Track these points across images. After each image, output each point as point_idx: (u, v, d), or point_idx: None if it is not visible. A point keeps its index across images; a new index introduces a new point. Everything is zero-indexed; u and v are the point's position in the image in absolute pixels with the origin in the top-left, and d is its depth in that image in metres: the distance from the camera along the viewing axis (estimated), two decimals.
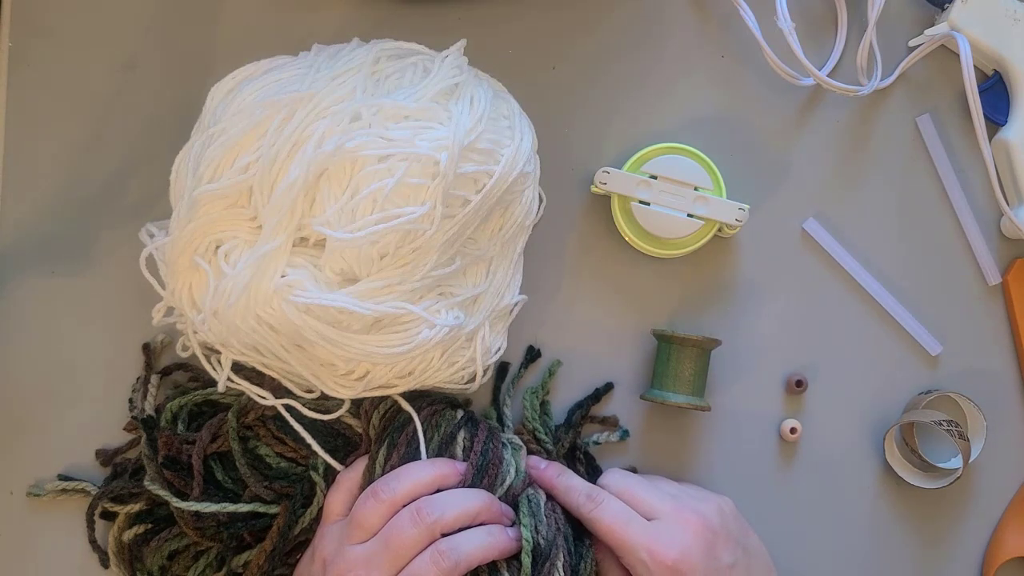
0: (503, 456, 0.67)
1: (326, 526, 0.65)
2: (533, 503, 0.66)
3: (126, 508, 0.68)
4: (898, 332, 0.74)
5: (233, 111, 0.62)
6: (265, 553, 0.66)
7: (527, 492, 0.66)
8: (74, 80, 0.73)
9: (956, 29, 0.72)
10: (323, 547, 0.64)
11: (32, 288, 0.72)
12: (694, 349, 0.69)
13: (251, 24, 0.74)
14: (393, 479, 0.63)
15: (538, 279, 0.73)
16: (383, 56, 0.65)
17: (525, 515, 0.65)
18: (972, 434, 0.72)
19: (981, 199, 0.75)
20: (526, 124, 0.67)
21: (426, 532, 0.61)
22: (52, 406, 0.71)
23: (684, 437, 0.73)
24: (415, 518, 0.62)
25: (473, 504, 0.63)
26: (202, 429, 0.67)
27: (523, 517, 0.65)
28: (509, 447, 0.68)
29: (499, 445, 0.67)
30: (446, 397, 0.70)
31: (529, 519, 0.64)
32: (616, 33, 0.75)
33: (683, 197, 0.70)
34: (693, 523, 0.64)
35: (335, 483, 0.67)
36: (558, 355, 0.73)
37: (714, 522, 0.64)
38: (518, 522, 0.65)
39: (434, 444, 0.66)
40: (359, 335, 0.63)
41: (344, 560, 0.62)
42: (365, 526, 0.63)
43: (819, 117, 0.75)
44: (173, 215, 0.65)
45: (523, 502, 0.66)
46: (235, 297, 0.61)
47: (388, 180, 0.60)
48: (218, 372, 0.67)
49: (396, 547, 0.61)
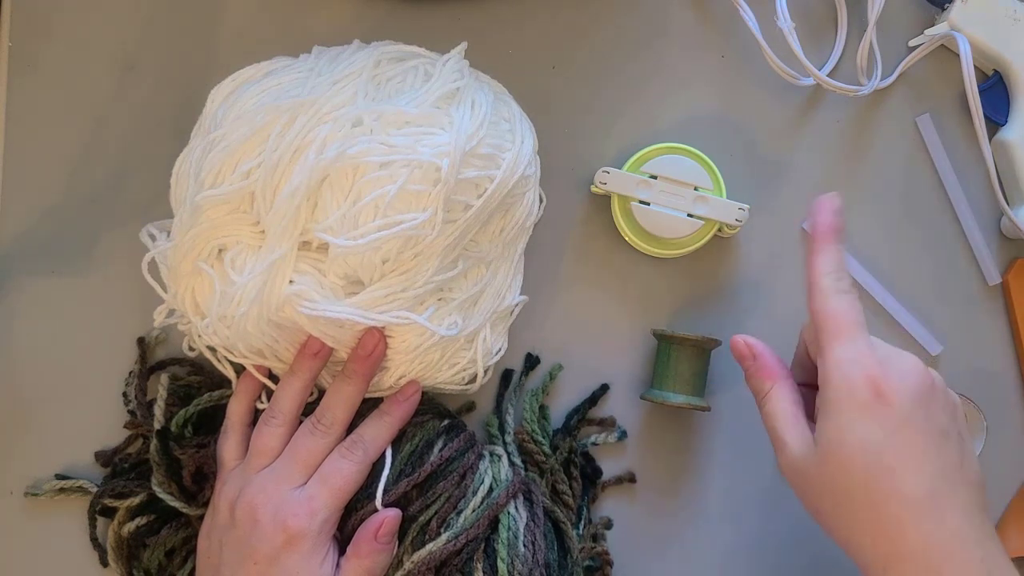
0: (477, 466, 0.66)
1: (223, 474, 0.65)
2: (512, 531, 0.65)
3: (126, 503, 0.68)
4: (898, 332, 0.74)
5: (234, 116, 0.62)
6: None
7: (509, 512, 0.65)
8: (74, 80, 0.73)
9: (956, 29, 0.72)
10: (226, 492, 0.63)
11: (32, 288, 0.72)
12: (694, 349, 0.69)
13: (251, 24, 0.74)
14: (276, 403, 0.65)
15: (538, 279, 0.73)
16: (384, 59, 0.65)
17: (502, 546, 0.64)
18: (972, 434, 0.72)
19: (981, 199, 0.75)
20: (527, 127, 0.67)
21: (328, 436, 0.63)
22: (51, 406, 0.71)
23: (684, 437, 0.73)
24: (313, 428, 0.64)
25: (356, 397, 0.65)
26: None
27: (500, 548, 0.64)
28: (487, 457, 0.67)
29: (476, 455, 0.66)
30: (437, 407, 0.69)
31: (506, 550, 0.64)
32: (616, 33, 0.75)
33: (683, 197, 0.70)
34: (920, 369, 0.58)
35: (223, 432, 0.67)
36: (557, 355, 0.73)
37: (939, 382, 0.59)
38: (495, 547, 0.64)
39: (404, 454, 0.65)
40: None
41: (252, 486, 0.62)
42: (266, 451, 0.64)
43: (819, 117, 0.75)
44: (175, 220, 0.65)
45: (502, 529, 0.65)
46: (246, 306, 0.62)
47: (390, 187, 0.60)
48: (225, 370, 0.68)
49: (303, 457, 0.63)
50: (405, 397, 0.66)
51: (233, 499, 0.63)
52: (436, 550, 0.62)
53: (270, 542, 0.60)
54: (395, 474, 0.64)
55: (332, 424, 0.64)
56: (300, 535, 0.60)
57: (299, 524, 0.60)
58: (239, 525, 0.62)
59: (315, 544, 0.61)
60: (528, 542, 0.65)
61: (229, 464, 0.65)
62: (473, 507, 0.64)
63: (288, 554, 0.60)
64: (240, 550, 0.61)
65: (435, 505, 0.64)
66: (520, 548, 0.64)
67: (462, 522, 0.63)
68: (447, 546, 0.62)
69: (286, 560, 0.60)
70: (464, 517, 0.64)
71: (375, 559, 0.62)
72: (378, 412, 0.66)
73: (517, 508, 0.66)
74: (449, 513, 0.64)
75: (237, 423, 0.66)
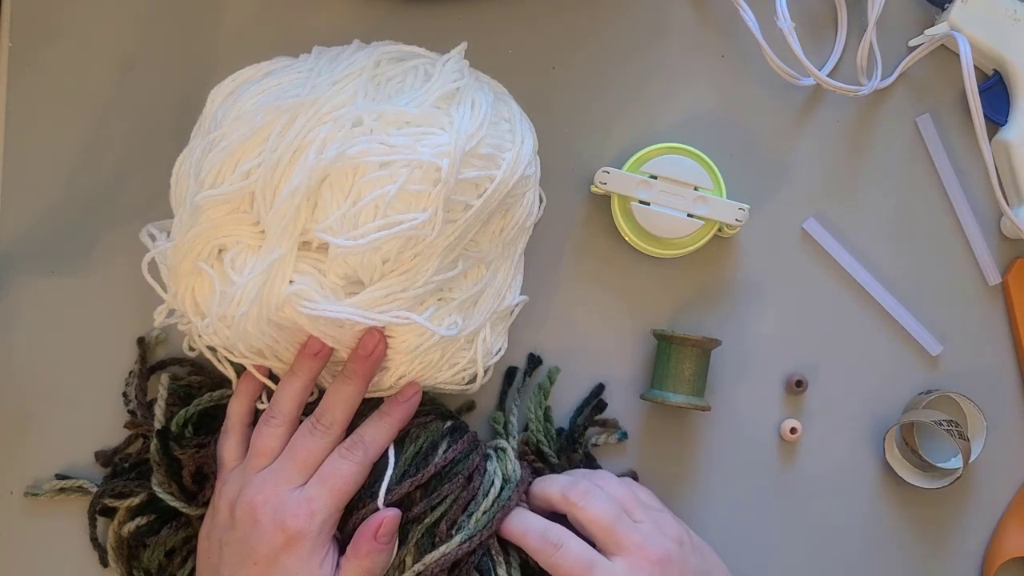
0: (485, 467, 0.66)
1: (224, 474, 0.65)
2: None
3: (126, 502, 0.68)
4: (898, 332, 0.74)
5: (234, 116, 0.62)
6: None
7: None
8: (74, 80, 0.73)
9: (956, 29, 0.72)
10: (226, 492, 0.64)
11: (32, 288, 0.72)
12: (694, 349, 0.69)
13: (251, 24, 0.74)
14: (276, 404, 0.64)
15: (538, 279, 0.73)
16: (384, 59, 0.65)
17: (512, 550, 0.64)
18: (972, 434, 0.72)
19: (981, 199, 0.75)
20: (527, 127, 0.67)
21: (327, 437, 0.63)
22: (51, 406, 0.71)
23: (684, 437, 0.73)
24: (313, 429, 0.63)
25: (356, 397, 0.65)
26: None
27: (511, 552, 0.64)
28: (495, 455, 0.67)
29: (481, 456, 0.66)
30: (439, 408, 0.69)
31: (515, 556, 0.64)
32: (616, 33, 0.75)
33: (683, 197, 0.70)
34: (655, 560, 0.62)
35: (223, 432, 0.67)
36: (557, 355, 0.73)
37: (674, 555, 0.62)
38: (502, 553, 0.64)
39: (408, 455, 0.65)
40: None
41: (251, 487, 0.62)
42: (266, 451, 0.64)
43: (819, 117, 0.75)
44: (175, 220, 0.65)
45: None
46: (246, 306, 0.62)
47: (390, 187, 0.60)
48: (225, 371, 0.68)
49: (303, 457, 0.63)
50: (405, 398, 0.66)
51: (233, 499, 0.63)
52: (449, 552, 0.62)
53: (269, 542, 0.60)
54: (399, 474, 0.64)
55: (331, 424, 0.64)
56: (299, 535, 0.60)
57: (298, 524, 0.60)
58: (239, 525, 0.62)
59: (314, 544, 0.61)
60: None
61: (229, 464, 0.65)
62: (484, 509, 0.64)
63: (287, 554, 0.60)
64: (240, 550, 0.61)
65: (441, 507, 0.64)
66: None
67: (474, 523, 0.63)
68: (461, 547, 0.63)
69: (286, 560, 0.60)
70: (475, 519, 0.64)
71: (374, 559, 0.62)
72: (378, 413, 0.66)
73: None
74: (459, 515, 0.64)
75: (237, 423, 0.66)
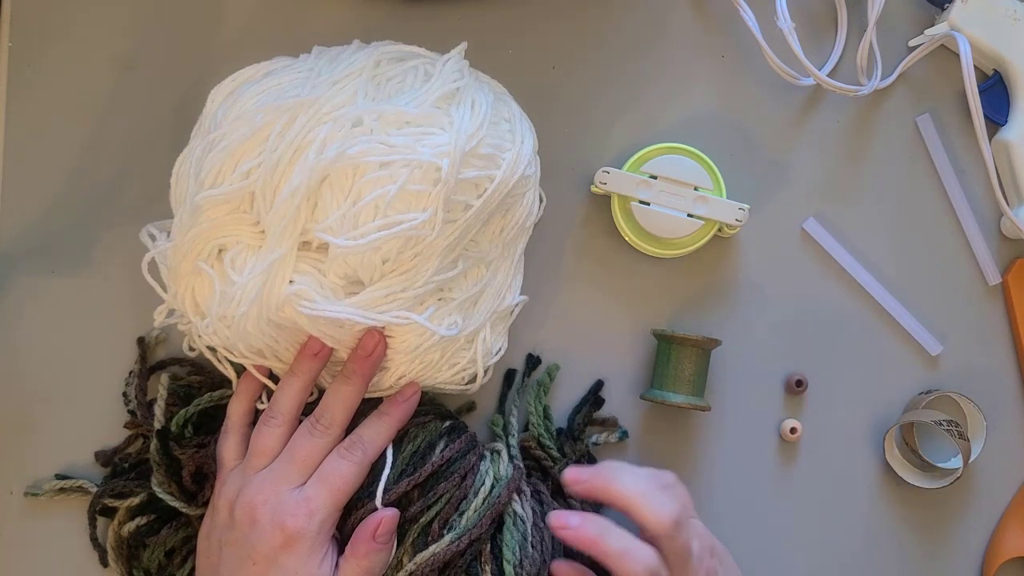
0: (478, 467, 0.66)
1: (223, 474, 0.65)
2: (520, 532, 0.65)
3: (126, 502, 0.68)
4: (898, 332, 0.74)
5: (234, 116, 0.62)
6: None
7: (516, 512, 0.65)
8: (74, 80, 0.73)
9: (956, 29, 0.72)
10: (226, 492, 0.63)
11: (32, 288, 0.72)
12: (694, 349, 0.69)
13: (251, 24, 0.74)
14: (275, 404, 0.65)
15: (538, 279, 0.73)
16: (384, 59, 0.65)
17: (508, 546, 0.64)
18: (972, 434, 0.72)
19: (981, 199, 0.75)
20: (527, 127, 0.67)
21: (327, 437, 0.63)
22: (51, 406, 0.71)
23: (684, 437, 0.73)
24: (312, 429, 0.64)
25: (355, 397, 0.65)
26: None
27: (506, 550, 0.64)
28: (488, 456, 0.67)
29: (477, 456, 0.66)
30: (438, 408, 0.69)
31: (512, 553, 0.64)
32: (616, 33, 0.75)
33: (683, 197, 0.70)
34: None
35: (223, 432, 0.67)
36: (557, 355, 0.73)
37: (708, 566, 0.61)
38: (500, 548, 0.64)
39: (405, 454, 0.65)
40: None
41: (251, 487, 0.62)
42: (266, 452, 0.64)
43: (819, 117, 0.75)
44: (175, 220, 0.65)
45: (507, 528, 0.65)
46: (246, 306, 0.62)
47: (390, 187, 0.60)
48: (225, 370, 0.68)
49: (302, 457, 0.63)
50: (404, 398, 0.66)
51: (232, 499, 0.63)
52: (440, 551, 0.62)
53: (269, 542, 0.60)
54: (396, 474, 0.64)
55: (331, 424, 0.64)
56: (298, 535, 0.60)
57: (297, 524, 0.60)
58: (238, 525, 0.62)
59: (314, 544, 0.61)
60: (536, 542, 0.65)
61: (229, 464, 0.65)
62: (475, 507, 0.64)
63: (287, 554, 0.60)
64: (239, 550, 0.61)
65: (436, 506, 0.64)
66: (528, 548, 0.64)
67: (464, 523, 0.63)
68: (451, 547, 0.62)
69: (285, 560, 0.60)
70: (466, 517, 0.64)
71: (373, 559, 0.62)
72: (377, 413, 0.66)
73: (524, 508, 0.66)
74: (451, 514, 0.64)
75: (237, 423, 0.66)
